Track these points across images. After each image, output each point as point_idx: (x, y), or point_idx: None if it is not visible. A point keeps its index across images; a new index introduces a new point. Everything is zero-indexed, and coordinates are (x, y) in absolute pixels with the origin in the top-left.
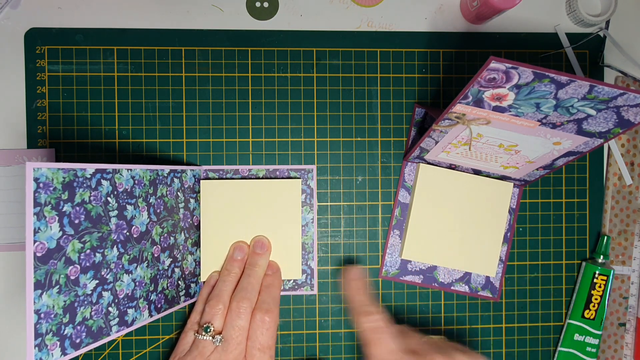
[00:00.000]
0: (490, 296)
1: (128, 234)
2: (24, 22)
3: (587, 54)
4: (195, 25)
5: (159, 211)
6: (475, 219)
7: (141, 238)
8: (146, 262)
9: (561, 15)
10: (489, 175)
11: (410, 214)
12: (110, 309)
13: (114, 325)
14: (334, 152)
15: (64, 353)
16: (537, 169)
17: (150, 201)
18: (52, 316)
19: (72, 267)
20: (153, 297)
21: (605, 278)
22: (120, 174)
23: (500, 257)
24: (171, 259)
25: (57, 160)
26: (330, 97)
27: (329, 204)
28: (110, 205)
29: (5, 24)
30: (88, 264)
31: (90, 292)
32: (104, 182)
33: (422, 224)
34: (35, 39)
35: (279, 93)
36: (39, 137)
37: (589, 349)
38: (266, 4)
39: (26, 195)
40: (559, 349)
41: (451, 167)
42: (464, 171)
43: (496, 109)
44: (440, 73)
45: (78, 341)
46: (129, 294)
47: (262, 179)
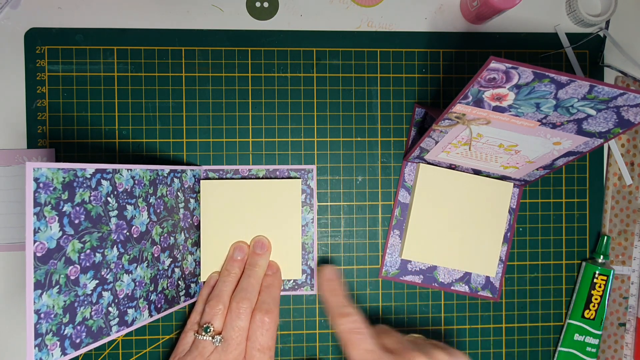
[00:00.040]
0: (490, 296)
1: (128, 234)
2: (24, 22)
3: (587, 54)
4: (195, 25)
5: (159, 211)
6: (475, 219)
7: (141, 238)
8: (146, 262)
9: (561, 15)
10: (489, 175)
11: (410, 214)
12: (110, 309)
13: (114, 325)
14: (334, 152)
15: (64, 353)
16: (537, 169)
17: (150, 201)
18: (52, 316)
19: (72, 267)
20: (153, 297)
21: (605, 278)
22: (120, 174)
23: (500, 257)
24: (171, 259)
25: (57, 160)
26: (330, 97)
27: (329, 204)
28: (110, 205)
29: (5, 24)
30: (88, 264)
31: (90, 292)
32: (104, 182)
33: (422, 224)
34: (35, 39)
35: (279, 93)
36: (39, 137)
37: (589, 349)
38: (266, 4)
39: (26, 195)
40: (559, 349)
41: (451, 167)
42: (464, 171)
43: (496, 109)
44: (440, 73)
45: (78, 341)
46: (129, 294)
47: (262, 179)
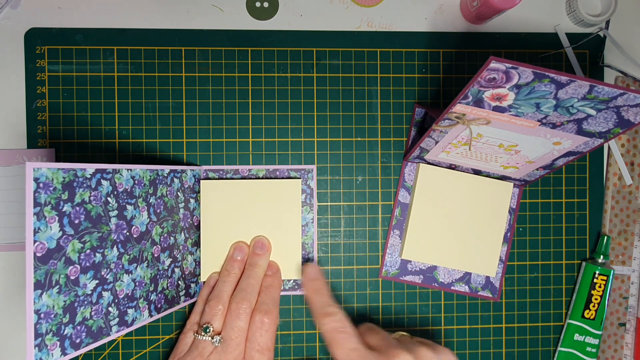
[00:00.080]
0: (490, 296)
1: (128, 234)
2: (24, 22)
3: (587, 54)
4: (195, 25)
5: (159, 211)
6: (475, 219)
7: (141, 238)
8: (146, 262)
9: (561, 15)
10: (489, 175)
11: (410, 214)
12: (110, 309)
13: (114, 325)
14: (334, 152)
15: (64, 353)
16: (537, 169)
17: (150, 201)
18: (52, 316)
19: (72, 267)
20: (153, 297)
21: (605, 278)
22: (120, 174)
23: (500, 257)
24: (171, 259)
25: (57, 160)
26: (330, 97)
27: (329, 204)
28: (110, 205)
29: (5, 24)
30: (88, 264)
31: (90, 292)
32: (104, 182)
33: (422, 224)
34: (35, 39)
35: (279, 93)
36: (39, 137)
37: (589, 349)
38: (266, 4)
39: (26, 195)
40: (559, 349)
41: (451, 167)
42: (464, 171)
43: (496, 109)
44: (440, 73)
45: (78, 341)
46: (129, 294)
47: (262, 179)
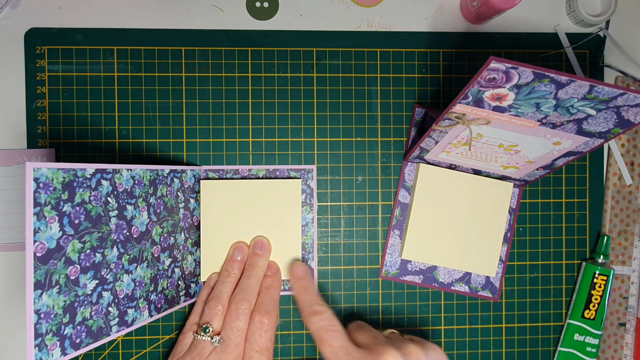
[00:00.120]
0: (490, 296)
1: (128, 234)
2: (24, 22)
3: (587, 54)
4: (195, 25)
5: (159, 211)
6: (475, 219)
7: (141, 238)
8: (146, 262)
9: (561, 15)
10: (489, 175)
11: (410, 214)
12: (110, 309)
13: (114, 325)
14: (334, 152)
15: (64, 353)
16: (537, 169)
17: (150, 201)
18: (52, 316)
19: (72, 267)
20: (153, 297)
21: (605, 278)
22: (120, 174)
23: (500, 257)
24: (171, 259)
25: (57, 160)
26: (330, 97)
27: (329, 204)
28: (110, 205)
29: (5, 24)
30: (88, 264)
31: (90, 292)
32: (104, 182)
33: (422, 224)
34: (35, 39)
35: (279, 93)
36: (39, 137)
37: (589, 349)
38: (266, 4)
39: (26, 195)
40: (559, 349)
41: (451, 167)
42: (464, 171)
43: (496, 109)
44: (440, 73)
45: (78, 341)
46: (129, 294)
47: (262, 179)
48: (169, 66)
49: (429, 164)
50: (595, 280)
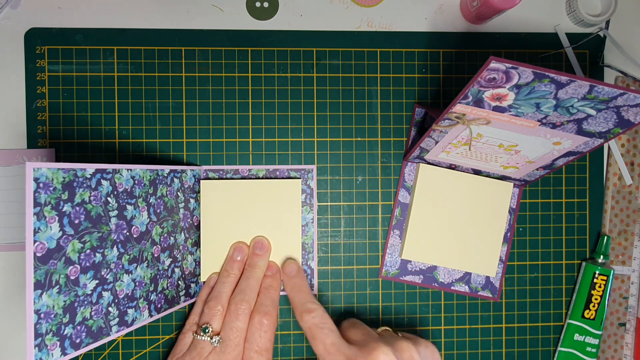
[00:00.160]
0: (490, 296)
1: (128, 234)
2: (24, 22)
3: (587, 54)
4: (195, 25)
5: (159, 211)
6: (475, 219)
7: (141, 238)
8: (146, 262)
9: (561, 15)
10: (489, 175)
11: (410, 214)
12: (110, 309)
13: (114, 325)
14: (334, 152)
15: (64, 353)
16: (537, 169)
17: (150, 201)
18: (52, 316)
19: (72, 267)
20: (153, 297)
21: (605, 278)
22: (120, 174)
23: (500, 257)
24: (171, 259)
25: (57, 160)
26: (330, 97)
27: (329, 204)
28: (110, 205)
29: (5, 24)
30: (88, 264)
31: (90, 292)
32: (104, 182)
33: (422, 224)
34: (35, 39)
35: (279, 93)
36: (39, 137)
37: (589, 349)
38: (266, 4)
39: (26, 195)
40: (559, 349)
41: (451, 167)
42: (464, 171)
43: (496, 109)
44: (440, 73)
45: (78, 341)
46: (129, 294)
47: (262, 179)
48: (169, 66)
49: (429, 164)
50: (595, 280)
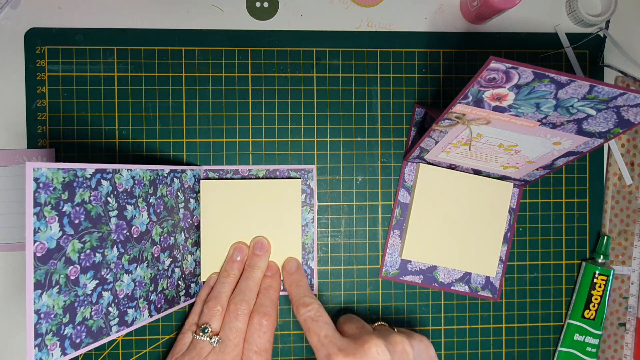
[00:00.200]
0: (490, 296)
1: (128, 234)
2: (24, 22)
3: (587, 54)
4: (195, 25)
5: (159, 211)
6: (475, 219)
7: (141, 238)
8: (146, 262)
9: (561, 15)
10: (489, 175)
11: (410, 214)
12: (110, 309)
13: (114, 325)
14: (334, 152)
15: (64, 353)
16: (537, 169)
17: (150, 201)
18: (52, 316)
19: (72, 267)
20: (153, 297)
21: (605, 278)
22: (120, 174)
23: (500, 257)
24: (171, 259)
25: (57, 160)
26: (330, 97)
27: (329, 204)
28: (110, 205)
29: (5, 24)
30: (88, 264)
31: (90, 292)
32: (104, 182)
33: (422, 224)
34: (35, 39)
35: (279, 93)
36: (39, 137)
37: (589, 349)
38: (266, 4)
39: (26, 195)
40: (559, 349)
41: (451, 167)
42: (464, 171)
43: (496, 109)
44: (440, 73)
45: (78, 341)
46: (129, 294)
47: (262, 179)
48: (169, 66)
49: (429, 164)
50: (595, 280)
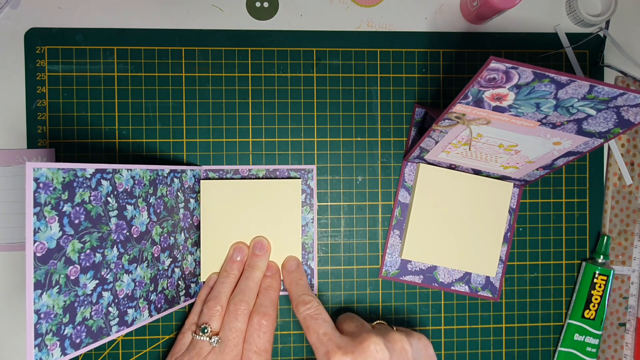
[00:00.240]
0: (490, 296)
1: (128, 234)
2: (24, 22)
3: (587, 54)
4: (195, 25)
5: (159, 211)
6: (475, 219)
7: (141, 238)
8: (146, 262)
9: (561, 15)
10: (489, 175)
11: (410, 214)
12: (110, 309)
13: (114, 325)
14: (334, 152)
15: (64, 353)
16: (537, 169)
17: (150, 201)
18: (52, 316)
19: (72, 267)
20: (153, 297)
21: (605, 278)
22: (120, 174)
23: (500, 257)
24: (171, 259)
25: (57, 160)
26: (330, 97)
27: (329, 204)
28: (110, 205)
29: (5, 24)
30: (88, 264)
31: (90, 292)
32: (104, 182)
33: (422, 224)
34: (35, 39)
35: (279, 93)
36: (39, 137)
37: (589, 349)
38: (266, 4)
39: (26, 195)
40: (559, 349)
41: (451, 167)
42: (464, 171)
43: (496, 109)
44: (440, 73)
45: (78, 341)
46: (129, 294)
47: (262, 179)
48: (169, 66)
49: (429, 164)
50: (595, 280)
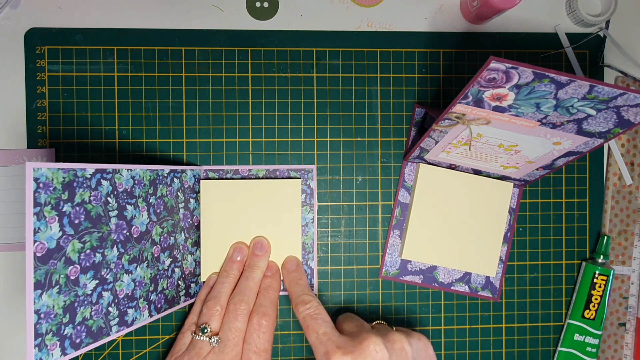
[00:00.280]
0: (490, 296)
1: (128, 234)
2: (24, 22)
3: (587, 54)
4: (195, 25)
5: (159, 211)
6: (475, 219)
7: (141, 238)
8: (146, 262)
9: (561, 15)
10: (489, 175)
11: (410, 214)
12: (110, 309)
13: (114, 325)
14: (334, 152)
15: (64, 353)
16: (537, 169)
17: (150, 201)
18: (52, 316)
19: (72, 267)
20: (153, 297)
21: (605, 278)
22: (120, 174)
23: (500, 257)
24: (171, 259)
25: (57, 160)
26: (330, 97)
27: (329, 204)
28: (110, 205)
29: (5, 24)
30: (88, 264)
31: (90, 292)
32: (104, 182)
33: (422, 224)
34: (35, 39)
35: (279, 93)
36: (39, 137)
37: (589, 349)
38: (266, 4)
39: (26, 195)
40: (559, 349)
41: (451, 167)
42: (464, 171)
43: (496, 109)
44: (440, 73)
45: (78, 341)
46: (129, 294)
47: (262, 179)
48: (169, 66)
49: (429, 164)
50: (595, 280)
